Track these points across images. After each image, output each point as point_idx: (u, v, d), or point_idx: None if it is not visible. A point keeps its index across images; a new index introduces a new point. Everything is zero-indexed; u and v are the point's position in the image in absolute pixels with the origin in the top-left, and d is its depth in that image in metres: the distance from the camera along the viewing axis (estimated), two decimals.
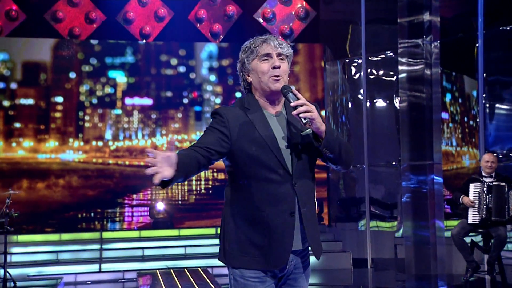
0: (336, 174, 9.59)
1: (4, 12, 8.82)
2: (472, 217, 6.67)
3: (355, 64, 9.31)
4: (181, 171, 2.20)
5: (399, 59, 8.07)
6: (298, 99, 2.35)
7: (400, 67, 8.07)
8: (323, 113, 9.68)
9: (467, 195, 6.73)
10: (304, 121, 2.31)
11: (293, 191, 2.39)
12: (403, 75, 8.06)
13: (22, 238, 8.40)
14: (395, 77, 8.77)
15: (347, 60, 9.46)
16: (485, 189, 6.63)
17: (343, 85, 9.60)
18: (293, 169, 2.41)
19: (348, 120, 9.52)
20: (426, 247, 7.76)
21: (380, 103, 9.21)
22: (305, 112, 2.31)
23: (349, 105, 9.44)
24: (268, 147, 2.39)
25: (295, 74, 9.82)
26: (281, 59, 2.48)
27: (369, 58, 9.06)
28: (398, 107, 8.42)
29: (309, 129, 2.35)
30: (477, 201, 6.66)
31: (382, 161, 9.03)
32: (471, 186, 6.74)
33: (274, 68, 2.43)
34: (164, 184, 2.21)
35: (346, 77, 9.53)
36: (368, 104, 9.06)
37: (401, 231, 8.59)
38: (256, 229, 2.39)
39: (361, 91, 9.11)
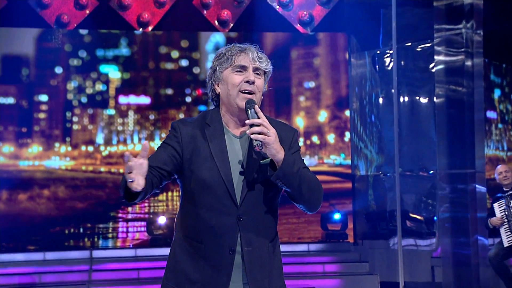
0: (364, 183, 9.54)
1: None
2: (507, 238, 6.82)
3: (387, 56, 9.25)
4: (147, 186, 2.30)
5: (436, 48, 8.06)
6: (258, 117, 2.38)
7: (436, 58, 8.07)
8: (346, 113, 9.73)
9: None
10: (254, 143, 2.35)
11: (237, 225, 2.40)
12: (440, 66, 8.06)
13: (1, 257, 8.37)
14: (431, 69, 8.68)
15: (377, 51, 9.39)
16: (510, 203, 6.79)
17: (372, 80, 9.56)
18: (241, 200, 2.42)
19: (378, 120, 9.48)
20: (467, 269, 7.71)
21: (414, 100, 9.16)
22: (260, 133, 2.33)
23: (380, 102, 9.39)
24: (218, 171, 2.40)
25: (314, 68, 9.85)
26: (257, 74, 2.51)
27: (401, 48, 8.97)
28: (434, 104, 8.41)
29: (269, 158, 2.38)
30: (506, 220, 6.86)
31: (416, 168, 8.95)
32: (495, 206, 7.00)
33: (247, 82, 2.46)
34: (132, 197, 2.31)
35: (376, 70, 9.48)
36: (401, 101, 9.04)
37: (439, 250, 8.54)
38: (192, 263, 2.42)
39: (392, 86, 9.01)
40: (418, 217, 9.01)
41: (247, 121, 2.40)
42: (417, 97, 9.10)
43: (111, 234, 9.17)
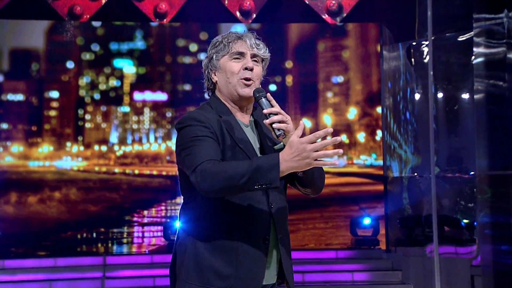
0: (398, 186, 9.49)
1: None
2: None
3: (424, 47, 9.20)
4: None
5: (475, 39, 8.00)
6: (272, 106, 2.48)
7: (475, 50, 8.00)
8: (378, 109, 9.73)
9: None
10: (277, 133, 2.42)
11: (269, 213, 2.48)
12: (480, 59, 7.98)
13: (9, 263, 8.46)
14: (471, 62, 8.61)
15: (413, 43, 9.35)
16: None
17: (406, 74, 9.52)
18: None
19: (413, 117, 9.43)
20: (510, 279, 7.61)
21: (452, 95, 9.09)
22: (279, 122, 2.42)
23: (415, 98, 9.34)
24: (249, 159, 2.43)
25: (343, 61, 9.87)
26: (255, 61, 2.61)
27: (438, 39, 8.93)
28: (474, 100, 8.34)
29: (281, 143, 2.48)
30: None
31: (455, 170, 8.88)
32: None
33: (245, 69, 2.56)
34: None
35: (412, 63, 9.43)
36: (438, 96, 8.98)
37: (479, 258, 8.45)
38: (221, 257, 2.45)
39: (429, 80, 9.01)
40: (457, 223, 9.00)
41: (264, 111, 2.47)
42: (455, 93, 9.06)
43: (126, 239, 9.29)
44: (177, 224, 2.72)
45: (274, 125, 2.44)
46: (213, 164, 2.37)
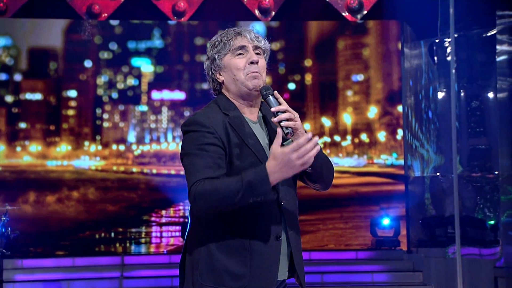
0: (420, 186, 9.49)
1: None
2: None
3: (447, 45, 9.20)
4: None
5: (498, 37, 8.03)
6: (280, 104, 2.51)
7: (498, 48, 8.02)
8: (399, 108, 9.73)
9: None
10: (286, 131, 2.45)
11: (279, 210, 2.51)
12: (503, 57, 8.01)
13: (28, 263, 8.58)
14: (494, 60, 8.59)
15: (436, 40, 9.32)
16: None
17: (429, 72, 9.49)
18: (278, 184, 2.49)
19: (436, 116, 9.40)
20: None
21: (475, 94, 9.07)
22: (288, 120, 2.47)
23: (438, 97, 9.34)
24: (257, 158, 2.50)
25: (363, 59, 9.87)
26: (258, 53, 2.63)
27: (461, 37, 8.92)
28: (496, 99, 8.32)
29: (290, 139, 2.50)
30: None
31: (478, 170, 8.86)
32: None
33: (251, 63, 2.57)
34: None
35: (434, 61, 9.41)
36: (461, 95, 8.98)
37: (502, 259, 8.44)
38: (235, 257, 2.48)
39: (451, 79, 8.97)
40: (480, 223, 8.92)
41: (272, 109, 2.50)
42: (479, 91, 9.02)
43: (144, 239, 9.34)
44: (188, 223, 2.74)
45: (282, 123, 2.47)
46: (205, 184, 2.40)
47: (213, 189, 2.38)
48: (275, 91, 2.57)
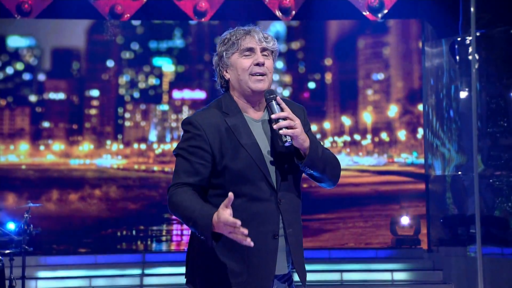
0: (441, 185, 9.51)
1: None
2: None
3: (469, 44, 9.15)
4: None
5: None
6: (282, 110, 2.53)
7: None
8: (419, 107, 9.72)
9: None
10: (284, 139, 2.50)
11: (277, 209, 2.56)
12: None
13: (51, 260, 8.76)
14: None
15: (458, 38, 9.34)
16: None
17: (450, 71, 9.49)
18: (277, 183, 2.57)
19: (457, 115, 9.42)
20: None
21: (496, 93, 9.07)
22: (287, 127, 2.49)
23: (460, 96, 9.34)
24: (252, 159, 2.55)
25: (384, 58, 9.87)
26: (265, 55, 2.65)
27: (481, 35, 8.92)
28: None
29: (291, 142, 2.54)
30: None
31: (499, 169, 8.90)
32: None
33: (257, 65, 2.60)
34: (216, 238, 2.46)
35: (456, 60, 9.42)
36: (483, 94, 8.99)
37: None
38: (233, 255, 2.55)
39: (472, 77, 8.95)
40: (503, 223, 8.95)
41: (273, 116, 2.55)
42: (501, 90, 9.01)
43: (165, 237, 9.43)
44: None
45: (280, 131, 2.51)
46: (176, 194, 2.52)
47: (176, 204, 2.52)
48: (278, 97, 2.60)
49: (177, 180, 2.56)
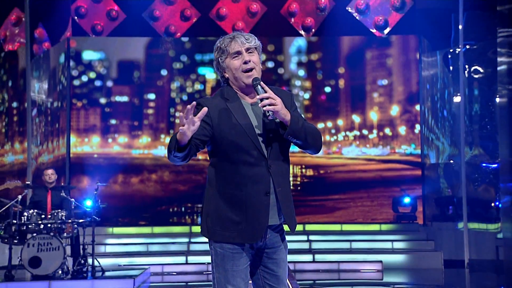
0: (435, 171, 9.70)
1: (105, 12, 9.71)
2: None
3: (459, 55, 9.29)
4: (190, 146, 2.69)
5: (498, 49, 8.10)
6: (265, 91, 2.74)
7: (499, 59, 8.10)
8: (417, 107, 9.85)
9: None
10: (267, 114, 2.70)
11: (268, 172, 2.79)
12: (503, 67, 8.07)
13: (117, 230, 9.26)
14: (494, 69, 8.77)
15: (450, 50, 9.52)
16: None
17: (444, 78, 9.66)
18: (267, 152, 2.80)
19: (450, 115, 9.61)
20: None
21: (483, 97, 9.24)
22: (269, 105, 2.70)
23: (453, 99, 9.52)
24: (245, 133, 2.78)
25: (387, 67, 9.98)
26: (250, 52, 2.84)
27: (468, 48, 9.09)
28: (497, 102, 8.45)
29: (274, 118, 2.76)
30: None
31: (483, 158, 9.09)
32: None
33: (245, 63, 2.81)
34: (180, 149, 2.65)
35: (449, 69, 9.59)
36: (471, 98, 9.16)
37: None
38: (234, 208, 2.79)
39: (460, 84, 9.06)
40: (485, 202, 9.16)
41: (257, 97, 2.78)
42: (484, 96, 9.17)
43: None
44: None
45: (264, 108, 2.73)
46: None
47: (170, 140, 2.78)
48: (261, 82, 2.79)
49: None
